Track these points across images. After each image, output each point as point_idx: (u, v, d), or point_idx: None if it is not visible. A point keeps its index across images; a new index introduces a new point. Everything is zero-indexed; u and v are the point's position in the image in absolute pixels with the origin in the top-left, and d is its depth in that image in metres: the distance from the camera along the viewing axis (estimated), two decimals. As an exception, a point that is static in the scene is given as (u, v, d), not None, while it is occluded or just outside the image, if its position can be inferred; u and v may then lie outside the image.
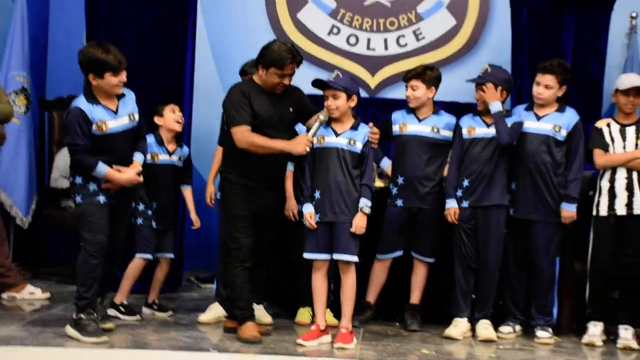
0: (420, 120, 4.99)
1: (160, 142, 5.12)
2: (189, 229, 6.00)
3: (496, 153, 4.82)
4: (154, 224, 5.10)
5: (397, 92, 6.79)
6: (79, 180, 4.43)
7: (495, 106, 4.78)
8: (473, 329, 4.88)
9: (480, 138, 4.87)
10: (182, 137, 5.49)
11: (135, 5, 5.86)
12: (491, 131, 4.83)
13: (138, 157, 4.57)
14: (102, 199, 4.42)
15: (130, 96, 4.56)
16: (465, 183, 4.87)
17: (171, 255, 5.22)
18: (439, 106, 5.17)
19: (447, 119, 5.04)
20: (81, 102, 4.37)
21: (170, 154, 5.15)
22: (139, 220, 5.08)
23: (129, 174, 4.46)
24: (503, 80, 4.87)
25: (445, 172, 4.95)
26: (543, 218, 4.80)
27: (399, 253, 5.01)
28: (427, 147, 4.95)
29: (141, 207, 5.07)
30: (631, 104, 4.86)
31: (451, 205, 4.88)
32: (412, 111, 5.03)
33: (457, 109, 6.20)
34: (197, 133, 6.12)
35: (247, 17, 6.85)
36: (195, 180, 5.44)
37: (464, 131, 4.94)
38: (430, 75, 4.99)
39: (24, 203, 6.09)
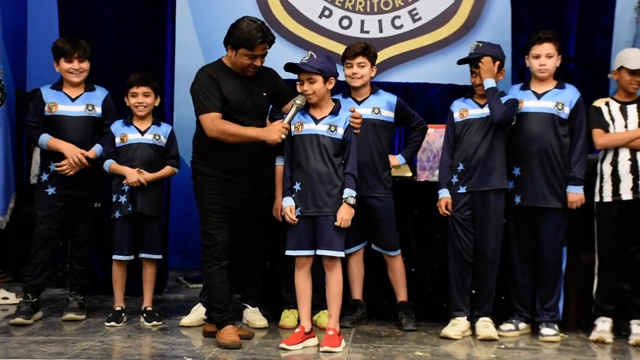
0: (359, 103, 4.64)
1: (128, 122, 4.83)
2: (174, 223, 5.71)
3: (491, 134, 4.50)
4: (129, 208, 4.72)
5: (393, 76, 6.55)
6: (39, 172, 4.86)
7: (489, 82, 4.47)
8: (473, 328, 4.54)
9: (474, 119, 4.55)
10: (164, 117, 5.23)
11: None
12: (485, 111, 4.52)
13: (96, 147, 4.78)
14: (50, 190, 4.76)
15: (100, 93, 4.87)
16: (461, 167, 4.54)
17: (153, 256, 4.84)
18: (435, 89, 4.83)
19: (388, 98, 4.71)
20: (44, 87, 4.86)
21: (142, 132, 4.82)
22: (117, 213, 4.76)
23: (72, 146, 4.67)
24: (498, 53, 4.58)
25: (393, 161, 4.69)
26: (553, 205, 4.47)
27: (364, 244, 4.72)
28: (370, 130, 4.57)
29: (114, 197, 4.77)
30: (637, 83, 4.52)
31: (443, 195, 4.57)
32: (349, 94, 4.69)
33: (455, 92, 5.96)
34: (180, 118, 5.73)
35: (234, 1, 6.52)
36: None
37: (456, 115, 4.63)
38: (373, 53, 4.70)
39: (1, 202, 5.76)
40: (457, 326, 4.49)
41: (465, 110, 4.59)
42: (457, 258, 4.53)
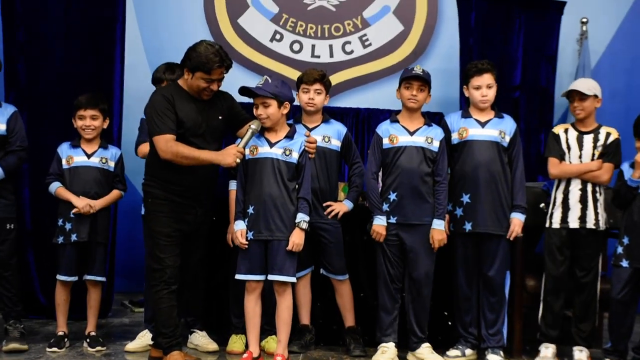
0: (310, 130, 4.64)
1: (75, 144, 4.74)
2: (120, 246, 5.61)
3: (424, 163, 4.48)
4: (73, 237, 4.65)
5: (344, 101, 6.56)
6: None
7: None
8: (415, 355, 4.52)
9: (405, 147, 4.51)
10: (112, 139, 5.15)
11: (58, 6, 5.48)
12: (416, 140, 4.51)
13: None
14: None
15: (6, 110, 4.65)
16: (392, 197, 4.50)
17: (98, 278, 4.75)
18: (385, 114, 4.84)
19: (338, 127, 4.74)
20: None
21: (89, 155, 4.74)
22: (60, 239, 4.66)
23: None
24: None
25: (342, 209, 4.62)
26: (502, 231, 4.51)
27: (311, 269, 4.71)
28: (319, 158, 4.57)
29: (60, 222, 4.67)
30: (577, 109, 4.60)
31: (377, 222, 4.49)
32: (300, 120, 4.70)
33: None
34: (129, 139, 5.53)
35: (185, 23, 6.50)
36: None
37: (386, 140, 4.56)
38: (328, 81, 4.74)
39: None
40: (387, 353, 4.44)
41: (395, 136, 4.54)
42: (387, 285, 4.50)
